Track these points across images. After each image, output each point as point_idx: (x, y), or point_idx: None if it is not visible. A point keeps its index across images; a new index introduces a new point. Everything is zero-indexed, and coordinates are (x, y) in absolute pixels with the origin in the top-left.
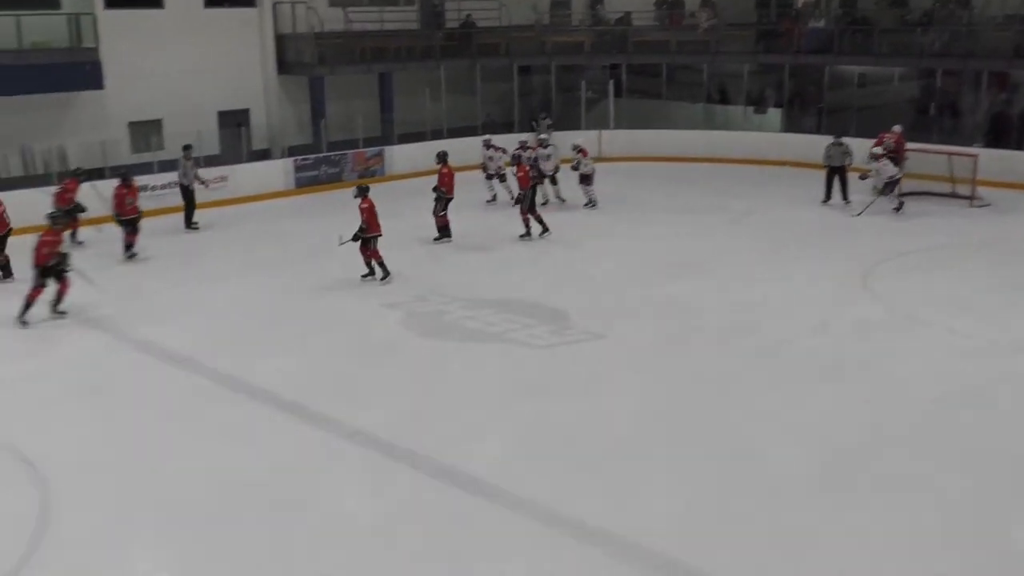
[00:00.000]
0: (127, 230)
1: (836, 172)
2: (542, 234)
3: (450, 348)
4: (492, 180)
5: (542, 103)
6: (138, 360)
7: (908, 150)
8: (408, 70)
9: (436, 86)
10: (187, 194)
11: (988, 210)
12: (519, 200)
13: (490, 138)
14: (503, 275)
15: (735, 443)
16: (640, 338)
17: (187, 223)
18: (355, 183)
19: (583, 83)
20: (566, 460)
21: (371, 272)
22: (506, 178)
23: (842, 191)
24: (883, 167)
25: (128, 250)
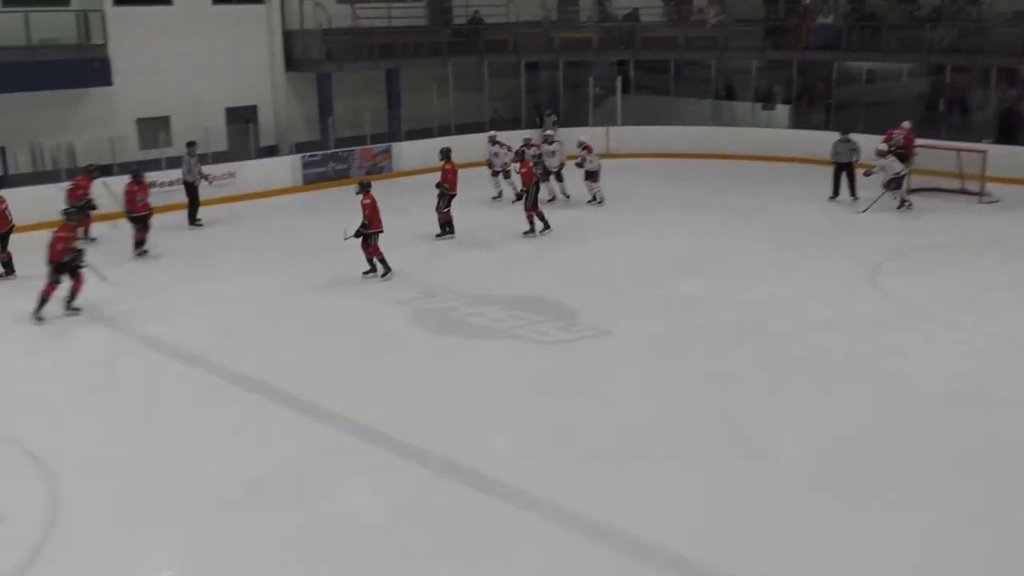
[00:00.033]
0: (137, 227)
1: (844, 168)
2: (543, 231)
3: (458, 345)
4: (497, 177)
5: (547, 100)
6: (147, 357)
7: (917, 146)
8: (416, 66)
9: (444, 83)
10: (191, 190)
11: (997, 206)
12: (520, 196)
13: (495, 134)
14: (509, 272)
15: (742, 441)
16: (647, 335)
17: (191, 220)
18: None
19: (591, 79)
20: (574, 457)
21: (372, 269)
22: (510, 175)
23: (850, 187)
24: (889, 164)
25: (138, 247)
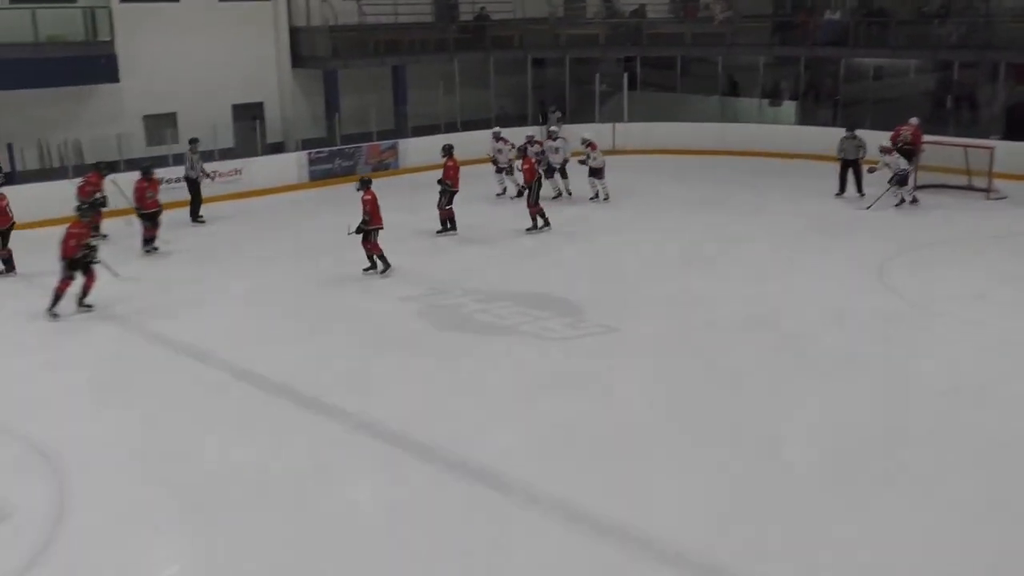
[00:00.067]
0: (147, 224)
1: (850, 165)
2: (542, 227)
3: (464, 341)
4: (501, 173)
5: (552, 96)
6: (154, 353)
7: (925, 143)
8: (422, 63)
9: (450, 79)
10: (193, 187)
11: (1004, 203)
12: (520, 193)
13: (499, 130)
14: (514, 268)
15: (746, 438)
16: (654, 331)
17: (193, 216)
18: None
19: (597, 76)
20: (580, 453)
21: (372, 265)
22: (513, 171)
23: (856, 184)
24: (893, 160)
25: (146, 244)
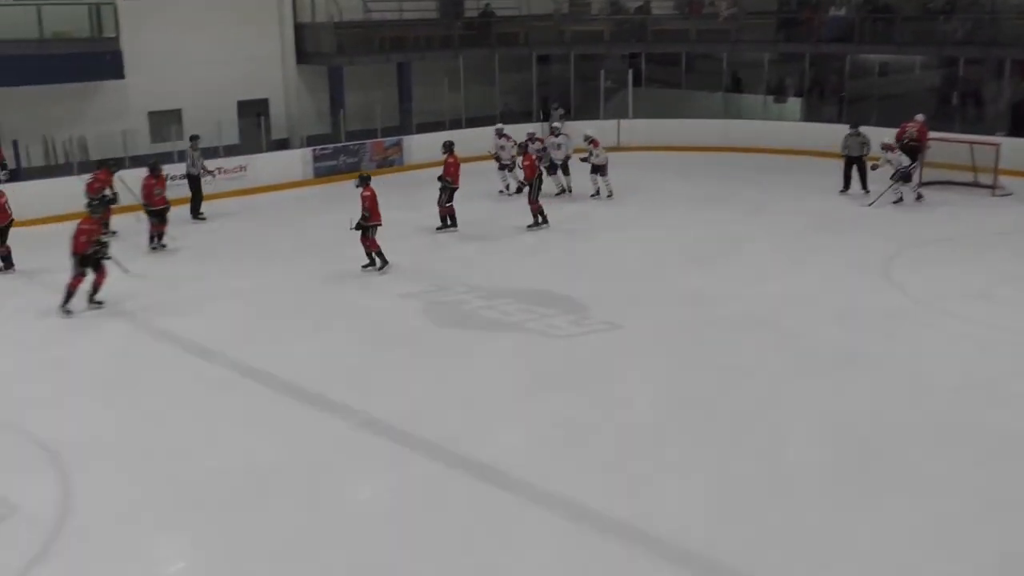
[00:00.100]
0: (154, 221)
1: (854, 162)
2: (541, 225)
3: (468, 338)
4: (504, 170)
5: (556, 93)
6: (159, 350)
7: (930, 139)
8: (427, 60)
9: (455, 76)
10: (194, 184)
11: (1010, 199)
12: (520, 189)
13: (502, 127)
14: (517, 265)
15: (753, 435)
16: (658, 328)
17: (194, 213)
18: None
19: (602, 72)
20: (584, 450)
21: (371, 262)
22: (514, 168)
23: (861, 180)
24: (896, 157)
25: (152, 241)
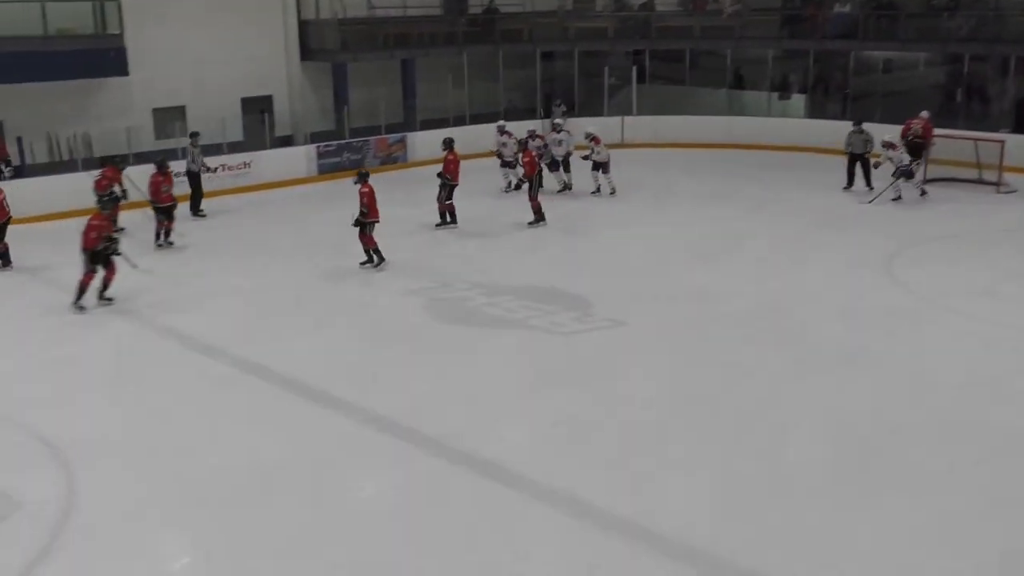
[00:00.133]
0: (161, 218)
1: (857, 159)
2: (539, 222)
3: (471, 335)
4: (507, 167)
5: (560, 90)
6: (163, 347)
7: (935, 136)
8: (431, 56)
9: (459, 72)
10: (194, 181)
11: (1015, 196)
12: (518, 186)
13: (504, 124)
14: (519, 262)
15: (757, 432)
16: (662, 325)
17: (194, 210)
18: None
19: (606, 69)
20: (588, 447)
21: (369, 259)
22: (516, 165)
23: (865, 177)
24: (897, 155)
25: (158, 238)
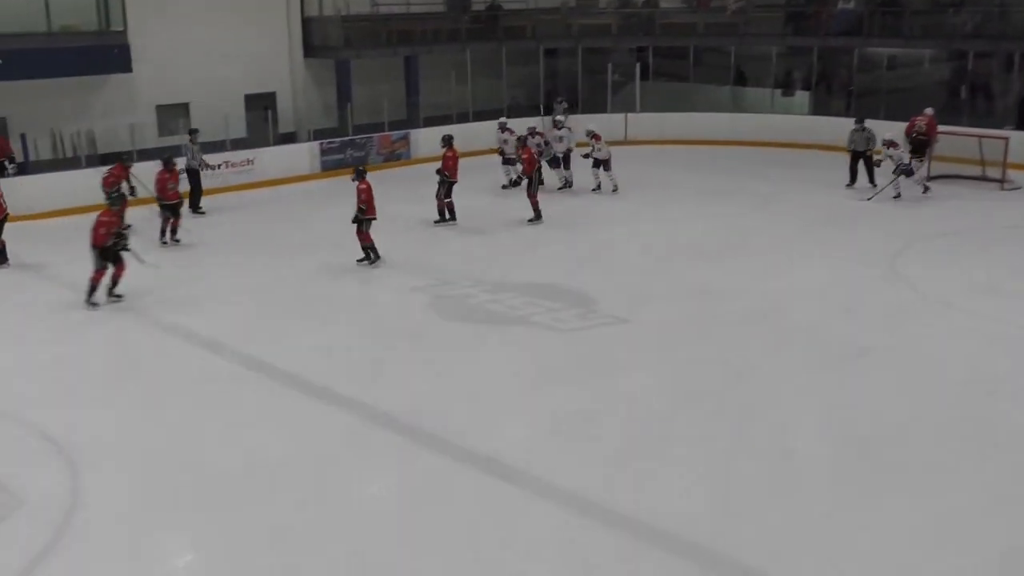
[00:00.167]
0: (167, 215)
1: (860, 156)
2: (537, 220)
3: (474, 332)
4: (508, 164)
5: (563, 86)
6: (166, 344)
7: (939, 133)
8: (434, 53)
9: (462, 69)
10: (194, 178)
11: (1019, 193)
12: (516, 183)
13: (505, 121)
14: (520, 259)
15: (759, 429)
16: (665, 322)
17: (193, 207)
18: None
19: (609, 66)
20: (590, 444)
21: (366, 256)
22: (517, 162)
23: (868, 175)
24: (897, 154)
25: (163, 235)
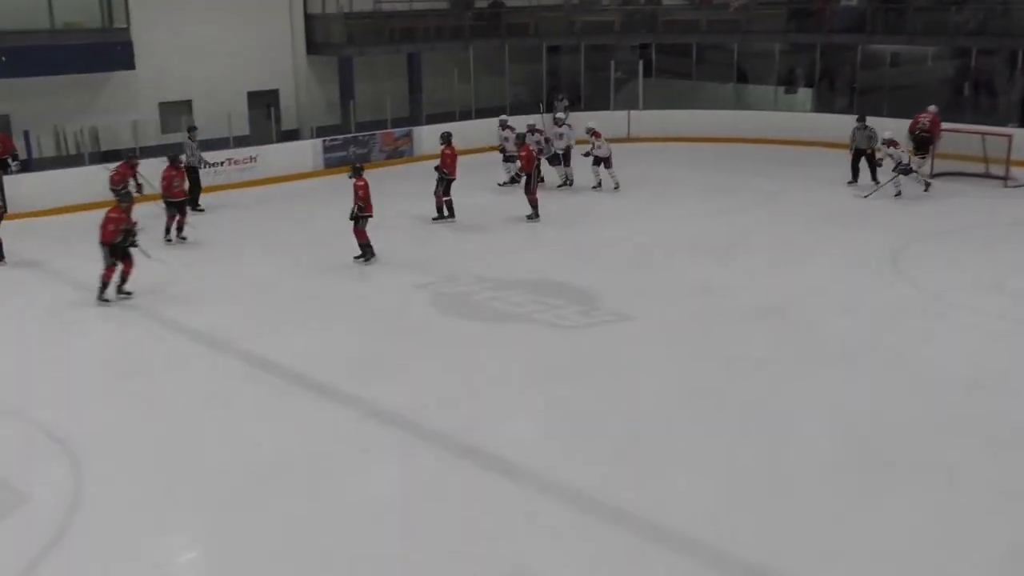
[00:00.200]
0: (172, 212)
1: (862, 154)
2: (531, 217)
3: (476, 329)
4: (509, 162)
5: (565, 84)
6: (169, 342)
7: (943, 130)
8: (437, 50)
9: (465, 66)
10: (193, 175)
11: (1022, 190)
12: (514, 180)
13: (506, 118)
14: (521, 256)
15: (762, 426)
16: (668, 320)
17: (193, 205)
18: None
19: (612, 63)
20: (594, 441)
21: (363, 254)
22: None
23: (871, 172)
24: (896, 153)
25: (168, 232)
